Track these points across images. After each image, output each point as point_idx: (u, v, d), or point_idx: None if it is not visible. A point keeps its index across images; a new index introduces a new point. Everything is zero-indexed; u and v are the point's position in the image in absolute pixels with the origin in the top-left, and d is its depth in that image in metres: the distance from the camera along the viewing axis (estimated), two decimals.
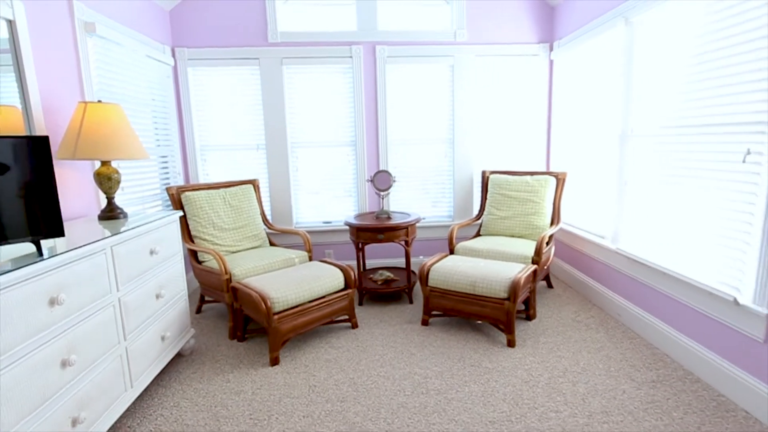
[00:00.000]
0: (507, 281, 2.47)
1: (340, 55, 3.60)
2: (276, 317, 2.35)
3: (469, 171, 3.87)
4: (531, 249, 2.92)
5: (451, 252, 3.17)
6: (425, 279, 2.73)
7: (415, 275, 3.48)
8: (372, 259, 4.00)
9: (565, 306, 3.06)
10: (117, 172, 2.18)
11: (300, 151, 3.76)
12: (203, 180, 3.73)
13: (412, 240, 3.22)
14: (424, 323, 2.81)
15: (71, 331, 1.52)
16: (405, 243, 3.18)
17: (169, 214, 2.32)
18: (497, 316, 2.50)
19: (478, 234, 3.50)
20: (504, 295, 2.47)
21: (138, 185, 2.91)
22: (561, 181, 3.29)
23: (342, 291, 2.70)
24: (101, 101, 2.10)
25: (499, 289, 2.47)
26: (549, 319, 2.83)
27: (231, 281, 2.63)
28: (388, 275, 3.32)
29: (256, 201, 3.29)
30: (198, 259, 2.91)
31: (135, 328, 1.92)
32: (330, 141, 3.77)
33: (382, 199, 3.42)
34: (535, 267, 2.71)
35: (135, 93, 2.91)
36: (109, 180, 2.15)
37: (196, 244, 2.91)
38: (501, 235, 3.34)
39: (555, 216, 3.30)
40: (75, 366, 1.52)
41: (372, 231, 3.09)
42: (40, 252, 1.45)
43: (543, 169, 3.93)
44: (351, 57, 3.61)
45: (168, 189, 2.88)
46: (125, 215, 2.21)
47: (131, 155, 2.13)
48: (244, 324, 2.67)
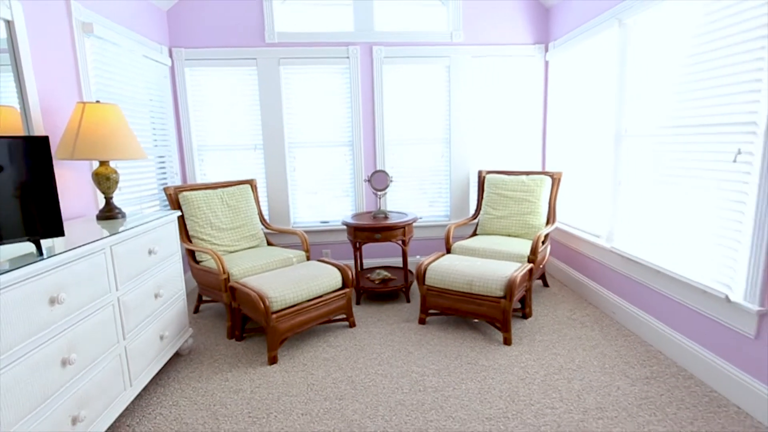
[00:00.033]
0: (503, 280, 2.50)
1: (337, 56, 3.62)
2: (274, 316, 2.36)
3: (466, 171, 3.90)
4: (527, 248, 2.95)
5: (448, 251, 3.19)
6: (422, 278, 2.75)
7: (412, 274, 3.50)
8: (369, 259, 4.02)
9: (561, 304, 3.09)
10: (115, 172, 2.19)
11: (297, 151, 3.78)
12: (200, 180, 3.73)
13: (409, 239, 3.24)
14: (421, 322, 2.83)
15: (71, 330, 1.53)
16: (402, 242, 3.20)
17: (168, 214, 2.33)
18: (494, 314, 2.53)
19: (474, 233, 3.53)
20: (500, 294, 2.50)
21: (135, 185, 2.91)
22: (556, 181, 3.32)
23: (339, 290, 2.72)
24: (99, 101, 2.11)
25: (496, 288, 2.50)
26: (545, 318, 2.86)
27: (229, 281, 2.64)
28: (385, 274, 3.34)
29: (253, 201, 3.30)
30: (196, 259, 2.92)
31: (134, 327, 1.93)
32: (327, 141, 3.78)
33: (379, 199, 3.44)
34: (531, 266, 2.73)
35: (132, 93, 2.92)
36: (108, 180, 2.15)
37: (193, 244, 2.92)
38: (497, 235, 3.37)
39: (551, 215, 3.33)
40: (75, 365, 1.53)
41: (369, 230, 3.11)
42: (40, 251, 1.46)
43: (539, 169, 3.96)
44: (348, 57, 3.63)
45: (166, 189, 2.89)
46: (123, 215, 2.22)
47: (130, 155, 2.14)
48: (242, 323, 2.68)
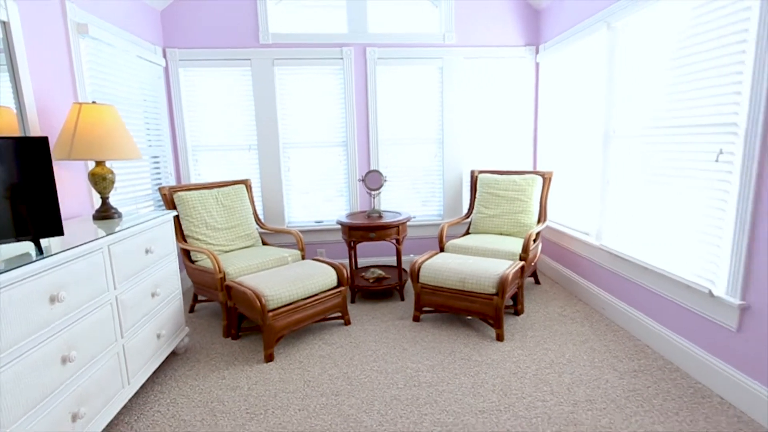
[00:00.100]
0: (495, 277, 2.55)
1: (331, 57, 3.65)
2: (270, 314, 2.39)
3: (459, 170, 3.95)
4: (519, 246, 3.01)
5: (441, 250, 3.24)
6: (416, 276, 2.80)
7: (406, 273, 3.54)
8: (364, 258, 4.06)
9: (552, 301, 3.15)
10: (111, 172, 2.20)
11: (292, 152, 3.80)
12: (195, 180, 3.74)
13: (403, 238, 3.28)
14: (415, 319, 2.88)
15: (71, 329, 1.54)
16: (396, 241, 3.25)
17: (164, 213, 2.34)
18: (486, 311, 2.58)
19: (467, 232, 3.58)
20: (493, 291, 2.55)
21: (130, 185, 2.92)
22: (547, 180, 3.38)
23: (335, 289, 2.75)
24: (95, 102, 2.12)
25: (488, 285, 2.55)
26: (536, 314, 2.92)
27: (225, 280, 2.66)
28: (379, 273, 3.37)
29: (248, 201, 3.32)
30: (191, 259, 2.93)
31: (131, 326, 1.95)
32: (322, 141, 3.81)
33: (373, 199, 3.47)
34: (523, 263, 2.79)
35: (127, 94, 2.93)
36: (104, 180, 2.17)
37: (189, 243, 2.93)
38: (490, 233, 3.43)
39: (542, 214, 3.40)
40: (75, 362, 1.55)
41: (364, 230, 3.14)
42: (40, 250, 1.48)
43: (530, 169, 4.02)
44: (342, 59, 3.66)
45: (161, 189, 2.90)
46: (120, 215, 2.23)
47: (126, 155, 2.16)
48: (238, 322, 2.71)
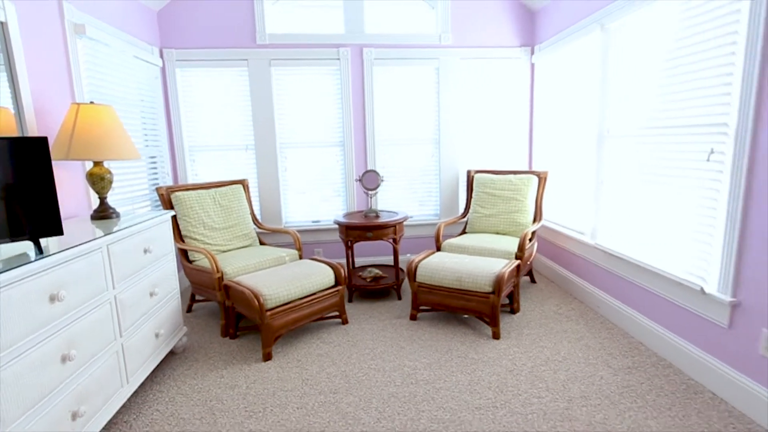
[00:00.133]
0: (492, 276, 2.58)
1: (327, 57, 3.66)
2: (268, 313, 2.40)
3: (455, 170, 3.98)
4: (514, 245, 3.04)
5: (438, 249, 3.26)
6: (413, 275, 2.82)
7: (403, 272, 3.57)
8: (361, 257, 4.08)
9: (548, 300, 3.18)
10: (109, 172, 2.21)
11: (289, 152, 3.81)
12: (192, 180, 3.74)
13: (399, 238, 3.30)
14: (412, 318, 2.90)
15: (70, 327, 1.55)
16: (393, 241, 3.27)
17: (162, 213, 2.35)
18: (483, 309, 2.61)
19: (463, 231, 3.61)
20: (489, 289, 2.57)
21: (127, 186, 2.92)
22: (543, 180, 3.41)
23: (332, 288, 2.77)
24: (93, 102, 2.13)
25: (484, 284, 2.58)
26: (532, 312, 2.95)
27: (223, 279, 2.67)
28: (377, 272, 3.39)
29: (245, 201, 3.33)
30: (189, 259, 2.94)
31: (130, 325, 1.96)
32: (319, 141, 3.83)
33: (370, 198, 3.49)
34: (519, 262, 2.82)
35: (124, 94, 2.93)
36: (102, 180, 2.17)
37: (186, 243, 2.94)
38: (486, 233, 3.45)
39: (537, 213, 3.43)
40: (74, 361, 1.56)
41: (361, 229, 3.16)
42: (40, 250, 1.49)
43: (525, 169, 4.06)
44: (339, 59, 3.68)
45: (158, 189, 2.90)
46: (118, 215, 2.24)
47: (124, 156, 2.16)
48: (236, 321, 2.72)
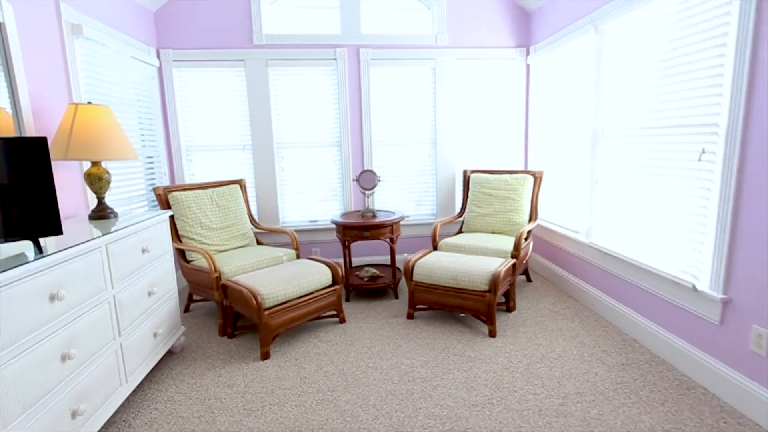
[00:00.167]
0: (488, 275, 2.60)
1: (324, 58, 3.68)
2: (266, 313, 2.42)
3: (451, 170, 4.00)
4: (510, 244, 3.06)
5: (435, 248, 3.29)
6: (410, 274, 2.84)
7: (400, 271, 3.59)
8: (358, 257, 4.10)
9: (543, 298, 3.22)
10: (107, 172, 2.21)
11: (286, 152, 3.82)
12: (189, 180, 3.75)
13: (396, 237, 3.33)
14: (409, 317, 2.92)
15: (70, 326, 1.56)
16: (390, 240, 3.29)
17: (159, 213, 2.36)
18: (479, 308, 2.63)
19: (460, 231, 3.63)
20: (485, 288, 2.60)
21: (125, 186, 2.92)
22: (538, 180, 3.45)
23: (330, 287, 2.78)
24: (91, 102, 2.13)
25: (481, 282, 2.60)
26: (528, 311, 2.98)
27: (221, 279, 2.68)
28: (374, 272, 3.41)
29: (243, 201, 3.34)
30: (186, 259, 2.95)
31: (129, 324, 1.97)
32: (315, 141, 3.84)
33: (367, 198, 3.51)
34: (514, 261, 2.85)
35: (121, 94, 2.93)
36: (100, 180, 2.18)
37: (184, 243, 2.95)
38: (482, 232, 3.48)
39: (533, 213, 3.46)
40: (74, 360, 1.57)
41: (358, 229, 3.18)
42: (39, 250, 1.50)
43: (521, 168, 4.09)
44: (335, 59, 3.69)
45: (155, 189, 2.91)
46: (115, 215, 2.24)
47: (122, 156, 2.17)
48: (233, 321, 2.73)
